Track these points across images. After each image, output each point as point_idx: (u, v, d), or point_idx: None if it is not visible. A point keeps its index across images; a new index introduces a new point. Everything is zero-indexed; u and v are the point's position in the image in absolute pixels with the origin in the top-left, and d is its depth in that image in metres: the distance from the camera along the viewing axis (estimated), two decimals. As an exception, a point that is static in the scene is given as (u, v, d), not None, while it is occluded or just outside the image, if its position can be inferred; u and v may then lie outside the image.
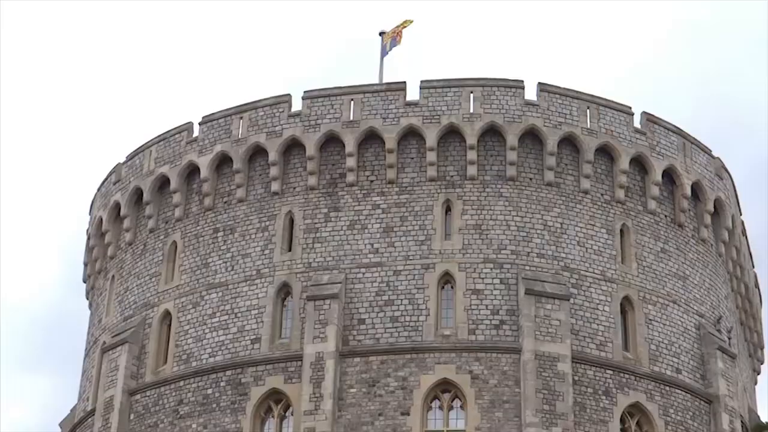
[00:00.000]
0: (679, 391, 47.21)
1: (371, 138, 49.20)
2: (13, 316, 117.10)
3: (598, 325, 46.62)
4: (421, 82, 50.08)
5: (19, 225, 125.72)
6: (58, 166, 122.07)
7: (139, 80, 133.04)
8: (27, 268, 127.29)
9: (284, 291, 47.72)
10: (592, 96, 51.10)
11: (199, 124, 52.71)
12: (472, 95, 49.41)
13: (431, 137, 48.45)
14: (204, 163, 51.03)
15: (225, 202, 50.71)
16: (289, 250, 48.40)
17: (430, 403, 44.23)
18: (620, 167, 49.72)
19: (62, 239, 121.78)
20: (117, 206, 54.30)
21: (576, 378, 44.24)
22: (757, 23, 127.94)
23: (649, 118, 51.56)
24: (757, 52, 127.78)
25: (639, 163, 50.51)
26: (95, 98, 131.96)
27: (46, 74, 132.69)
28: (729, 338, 51.79)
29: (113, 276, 54.35)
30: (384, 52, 54.89)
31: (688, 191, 51.58)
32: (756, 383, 59.33)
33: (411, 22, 55.85)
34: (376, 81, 52.69)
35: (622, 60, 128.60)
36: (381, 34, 55.44)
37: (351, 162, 48.82)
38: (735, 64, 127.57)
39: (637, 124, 51.15)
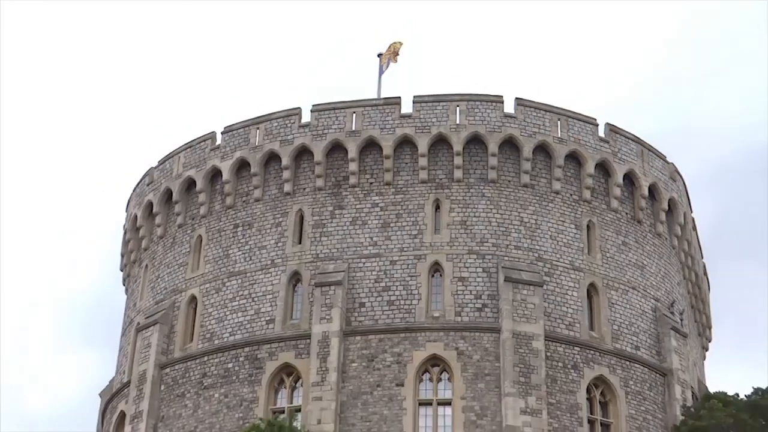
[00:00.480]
0: (637, 366, 46.96)
1: (371, 145, 48.83)
2: (60, 302, 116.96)
3: (567, 308, 46.42)
4: (414, 97, 49.83)
5: (68, 223, 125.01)
6: (101, 170, 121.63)
7: (167, 94, 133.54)
8: (73, 259, 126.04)
9: (295, 278, 47.42)
10: (562, 109, 50.91)
11: (222, 133, 52.46)
12: (458, 108, 49.19)
13: (423, 145, 48.19)
14: (225, 167, 50.72)
15: (243, 201, 50.39)
16: (300, 243, 48.11)
17: (422, 375, 43.96)
18: (587, 171, 49.48)
19: (102, 234, 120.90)
20: (150, 205, 53.98)
21: (548, 354, 44.00)
22: (710, 47, 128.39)
23: (611, 129, 51.31)
24: (710, 69, 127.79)
25: (603, 168, 50.22)
26: (131, 111, 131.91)
27: (90, 94, 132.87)
28: (681, 320, 51.63)
29: (146, 265, 54.11)
30: (381, 71, 54.67)
31: (646, 192, 51.38)
32: (704, 359, 59.41)
33: (401, 44, 55.53)
34: (375, 96, 52.38)
35: (590, 76, 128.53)
36: (379, 55, 55.44)
37: (353, 166, 48.48)
38: (690, 79, 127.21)
39: (601, 133, 50.90)
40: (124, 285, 58.30)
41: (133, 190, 57.20)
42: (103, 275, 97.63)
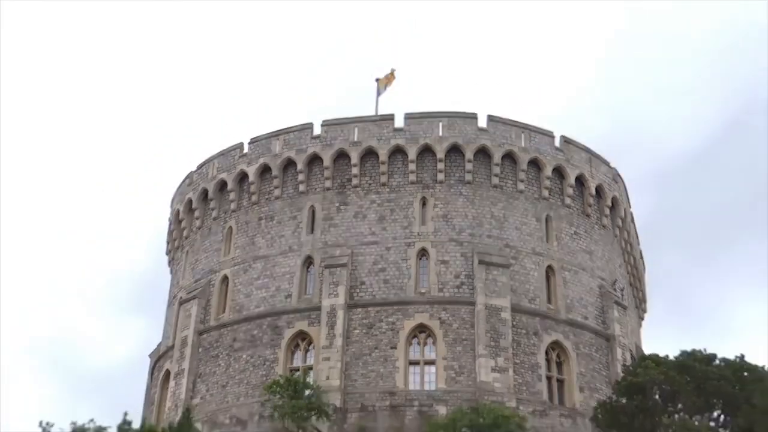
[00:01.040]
0: (586, 332, 47.19)
1: (369, 153, 48.87)
2: (117, 280, 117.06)
3: (529, 285, 46.57)
4: (405, 114, 49.87)
5: (124, 216, 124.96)
6: (151, 174, 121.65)
7: (203, 111, 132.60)
8: (127, 245, 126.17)
9: (308, 261, 47.48)
10: (525, 124, 50.84)
11: (248, 143, 52.31)
12: (440, 123, 49.27)
13: (412, 153, 48.28)
14: (251, 171, 50.77)
15: (266, 199, 50.38)
16: (312, 232, 48.18)
17: (411, 340, 44.14)
18: (545, 175, 49.59)
19: (150, 225, 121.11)
20: (190, 202, 53.97)
21: (514, 323, 44.17)
22: (650, 64, 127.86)
23: (565, 140, 51.29)
24: (650, 84, 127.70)
25: (558, 172, 50.25)
26: (174, 126, 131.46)
27: (142, 113, 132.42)
28: (622, 295, 51.78)
29: (187, 251, 54.03)
30: (378, 93, 54.51)
31: (593, 191, 51.48)
32: (641, 327, 59.52)
33: (394, 73, 55.50)
34: (373, 113, 52.24)
35: (546, 89, 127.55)
36: (377, 80, 55.11)
37: (355, 170, 48.55)
38: (632, 94, 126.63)
39: (557, 144, 50.90)
40: (169, 266, 58.25)
41: (177, 190, 57.08)
42: (151, 258, 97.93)
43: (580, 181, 50.95)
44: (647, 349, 50.19)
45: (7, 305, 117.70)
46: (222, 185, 52.15)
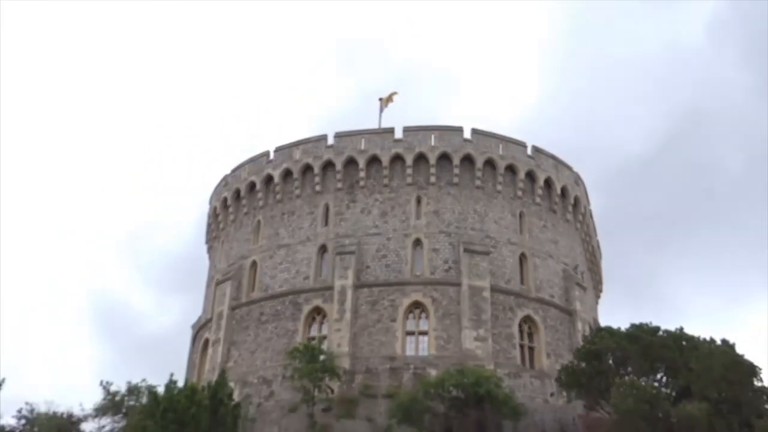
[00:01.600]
0: (553, 308, 47.26)
1: (374, 160, 48.81)
2: (165, 265, 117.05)
3: (505, 269, 46.58)
4: (404, 127, 49.76)
5: (171, 213, 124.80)
6: (195, 177, 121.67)
7: (237, 125, 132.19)
8: (173, 235, 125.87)
9: (322, 249, 47.46)
10: (503, 135, 50.79)
11: (274, 151, 52.29)
12: (432, 135, 49.20)
13: (409, 160, 48.25)
14: (276, 174, 50.81)
15: (288, 197, 50.29)
16: (326, 225, 48.17)
17: (408, 314, 44.20)
18: (519, 178, 49.56)
19: (193, 219, 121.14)
20: (225, 200, 53.94)
21: (492, 300, 44.22)
22: (606, 78, 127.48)
23: (535, 149, 51.17)
24: (607, 97, 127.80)
25: (530, 176, 50.16)
26: (214, 137, 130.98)
27: (185, 126, 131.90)
28: (582, 277, 51.84)
29: (222, 240, 53.97)
30: (381, 110, 54.52)
31: (559, 192, 51.47)
32: (597, 304, 59.46)
33: (396, 93, 55.55)
34: (377, 126, 52.10)
35: (522, 109, 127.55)
36: (380, 99, 55.09)
37: (362, 174, 48.54)
38: (592, 105, 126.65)
39: (529, 152, 50.79)
40: (207, 253, 58.20)
41: (214, 190, 56.95)
42: (193, 246, 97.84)
43: (548, 183, 50.87)
44: (603, 322, 50.24)
45: (75, 282, 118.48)
46: (252, 186, 52.05)
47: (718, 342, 34.97)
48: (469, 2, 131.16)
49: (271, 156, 52.20)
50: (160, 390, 33.63)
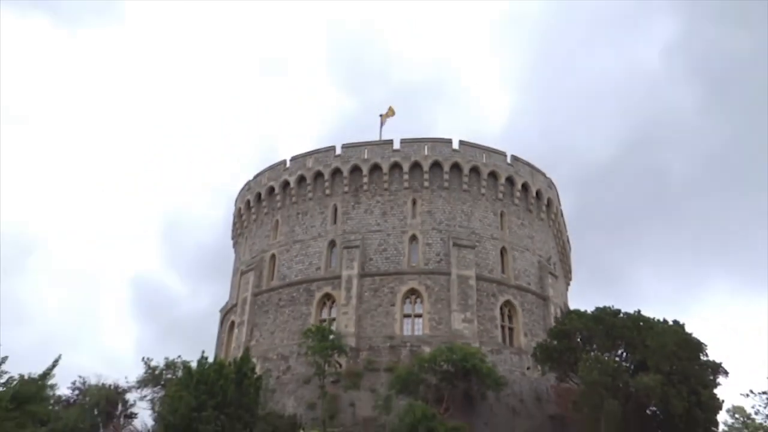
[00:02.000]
0: (529, 294, 47.26)
1: (376, 168, 48.90)
2: (195, 257, 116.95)
3: (488, 261, 46.60)
4: (401, 139, 49.92)
5: (198, 212, 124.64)
6: (220, 181, 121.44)
7: (257, 137, 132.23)
8: (205, 232, 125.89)
9: (332, 244, 47.50)
10: (486, 146, 50.78)
11: (290, 160, 52.38)
12: (426, 146, 49.31)
13: (405, 167, 48.34)
14: (292, 180, 50.88)
15: (302, 200, 50.31)
16: (335, 223, 48.21)
17: (405, 300, 44.24)
18: (500, 183, 49.64)
19: (222, 218, 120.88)
20: (248, 202, 54.01)
21: (478, 287, 44.33)
22: (575, 92, 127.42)
23: (514, 157, 51.24)
24: (576, 109, 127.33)
25: (509, 180, 50.26)
26: (240, 143, 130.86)
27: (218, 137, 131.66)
28: (554, 267, 51.82)
29: (246, 237, 53.99)
30: (381, 124, 54.63)
31: (534, 194, 51.49)
32: (567, 290, 59.48)
33: (393, 111, 55.54)
34: (378, 138, 52.25)
35: (503, 120, 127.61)
36: (380, 115, 55.25)
37: (365, 180, 48.62)
38: (568, 120, 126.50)
39: (508, 160, 50.85)
40: (233, 247, 58.12)
41: (239, 193, 56.98)
42: (221, 241, 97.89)
43: (524, 187, 50.91)
44: (572, 306, 50.30)
45: (121, 271, 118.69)
46: (271, 190, 52.20)
47: (671, 322, 35.39)
48: (457, 21, 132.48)
49: (288, 164, 52.29)
50: (193, 365, 33.99)
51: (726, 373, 33.65)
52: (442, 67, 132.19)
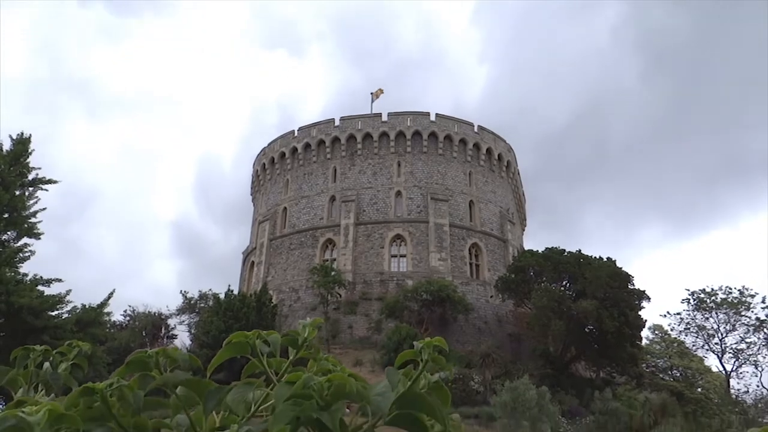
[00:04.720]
0: (492, 238, 47.23)
1: (368, 136, 48.09)
2: (224, 208, 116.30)
3: (459, 211, 46.36)
4: (388, 113, 48.98)
5: (226, 172, 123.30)
6: (240, 148, 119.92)
7: (271, 113, 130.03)
8: (229, 187, 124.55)
9: (332, 199, 47.00)
10: (458, 118, 50.05)
11: (297, 130, 51.45)
12: (408, 118, 48.46)
13: (392, 136, 47.59)
14: (299, 146, 50.00)
15: (308, 162, 49.59)
16: (335, 182, 47.64)
17: (392, 243, 44.13)
18: (468, 148, 48.96)
19: (245, 177, 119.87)
20: (264, 164, 53.18)
21: (451, 233, 44.26)
22: (537, 63, 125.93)
23: (480, 127, 50.53)
24: (540, 83, 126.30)
25: (476, 146, 49.55)
26: (262, 126, 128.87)
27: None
28: (512, 216, 51.76)
29: (262, 193, 53.37)
30: (372, 101, 53.70)
31: (497, 157, 50.95)
32: (523, 234, 59.67)
33: (381, 91, 54.59)
34: (369, 112, 51.29)
35: (479, 91, 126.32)
36: (371, 93, 54.26)
37: (359, 146, 47.85)
38: (529, 89, 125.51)
39: (475, 129, 50.13)
40: (252, 202, 57.80)
41: (256, 157, 56.09)
42: (242, 195, 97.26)
43: (488, 151, 50.35)
44: (527, 247, 50.72)
45: (166, 218, 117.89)
46: (282, 155, 51.33)
47: (605, 259, 35.76)
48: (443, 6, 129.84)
49: (296, 133, 51.35)
50: (222, 296, 34.13)
51: (648, 298, 34.16)
52: (431, 46, 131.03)
